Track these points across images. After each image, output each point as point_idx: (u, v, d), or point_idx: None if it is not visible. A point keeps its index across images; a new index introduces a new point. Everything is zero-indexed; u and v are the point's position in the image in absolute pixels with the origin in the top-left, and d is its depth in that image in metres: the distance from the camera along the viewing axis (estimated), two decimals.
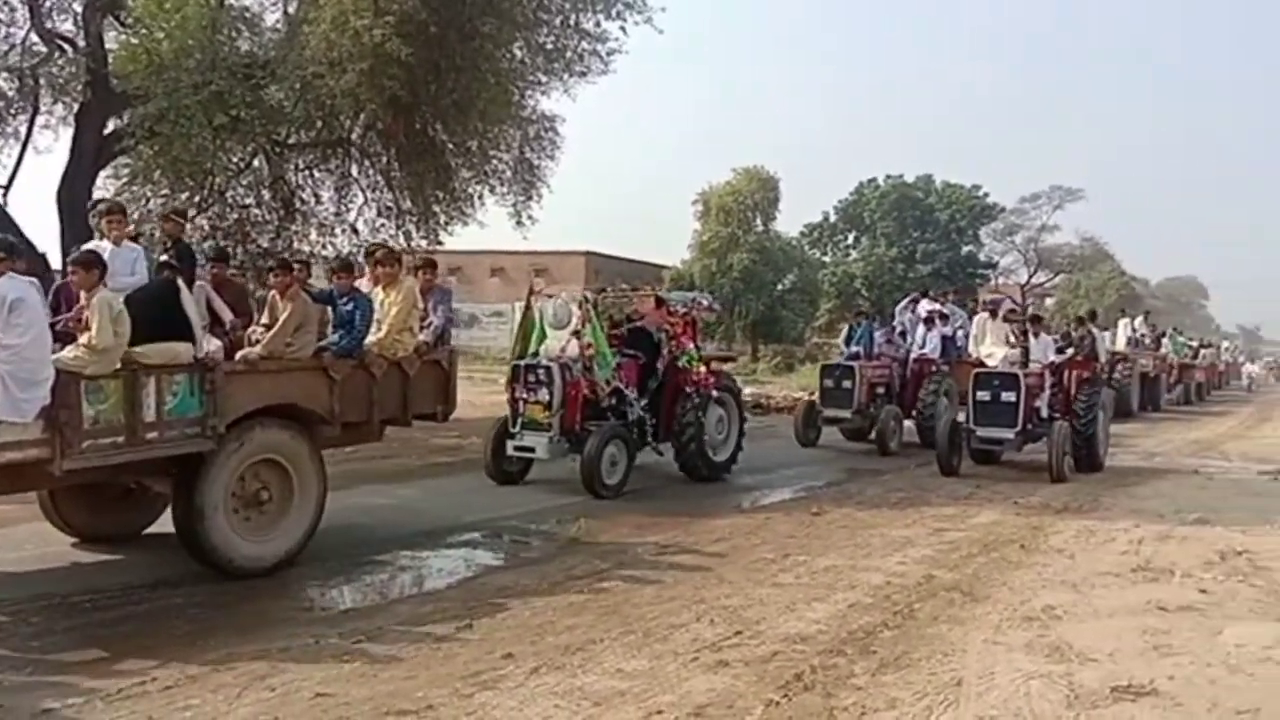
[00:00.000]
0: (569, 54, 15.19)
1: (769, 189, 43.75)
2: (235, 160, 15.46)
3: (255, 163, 15.79)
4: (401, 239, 16.50)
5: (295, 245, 16.41)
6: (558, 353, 11.19)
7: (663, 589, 6.88)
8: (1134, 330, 27.26)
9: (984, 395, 12.67)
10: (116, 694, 4.74)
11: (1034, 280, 61.35)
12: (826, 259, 53.49)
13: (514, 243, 20.00)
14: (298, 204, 16.44)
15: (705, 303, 12.98)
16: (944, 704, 4.68)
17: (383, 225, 16.61)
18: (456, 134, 15.02)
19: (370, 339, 8.14)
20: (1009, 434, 12.58)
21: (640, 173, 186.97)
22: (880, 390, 16.08)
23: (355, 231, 16.80)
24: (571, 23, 15.08)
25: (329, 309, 8.28)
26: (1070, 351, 14.36)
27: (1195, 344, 36.04)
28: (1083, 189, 59.87)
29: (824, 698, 4.77)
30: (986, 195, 54.38)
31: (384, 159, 16.09)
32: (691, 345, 12.17)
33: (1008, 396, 12.50)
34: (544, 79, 15.54)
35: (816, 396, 16.41)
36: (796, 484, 12.32)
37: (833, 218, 54.95)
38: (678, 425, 11.79)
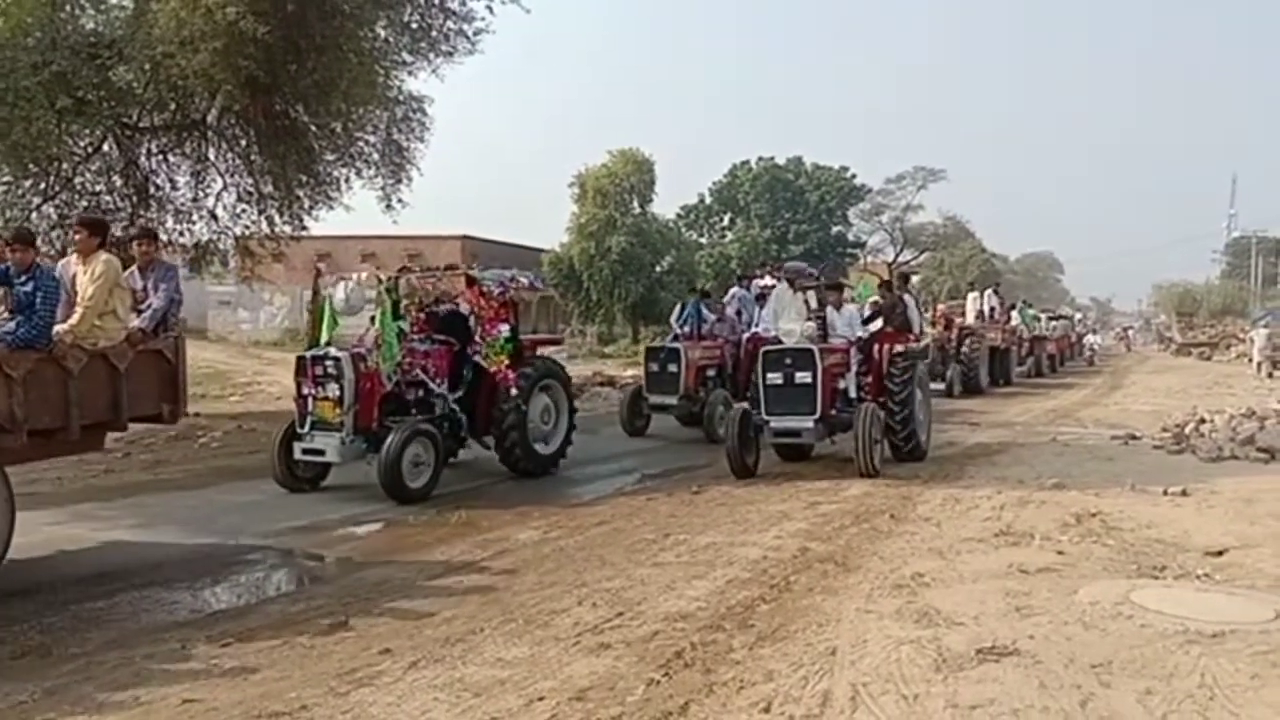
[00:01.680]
0: (434, 33, 14.86)
1: (644, 171, 43.91)
2: (83, 145, 14.64)
3: (105, 147, 14.97)
4: (264, 224, 15.95)
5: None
6: (355, 341, 10.38)
7: (544, 575, 6.85)
8: (983, 303, 27.18)
9: (775, 377, 10.84)
10: None
11: (900, 258, 63.38)
12: (703, 240, 54.20)
13: (385, 227, 19.55)
14: (152, 190, 15.69)
15: (525, 281, 11.78)
16: (819, 673, 4.79)
17: (243, 210, 16.02)
18: (319, 115, 14.53)
19: (61, 325, 6.99)
20: (807, 422, 10.76)
21: (518, 156, 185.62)
22: (710, 373, 15.21)
23: (215, 218, 16.17)
24: (436, 1, 14.76)
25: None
26: (878, 324, 12.88)
27: (1045, 316, 37.03)
28: (945, 169, 62.21)
29: (704, 674, 4.82)
30: (854, 176, 56.04)
31: (243, 142, 15.48)
32: (505, 329, 11.01)
33: (803, 378, 10.70)
34: (410, 59, 15.17)
35: (643, 382, 15.39)
36: (613, 479, 11.44)
37: (708, 200, 55.67)
38: (497, 415, 10.88)
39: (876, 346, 12.22)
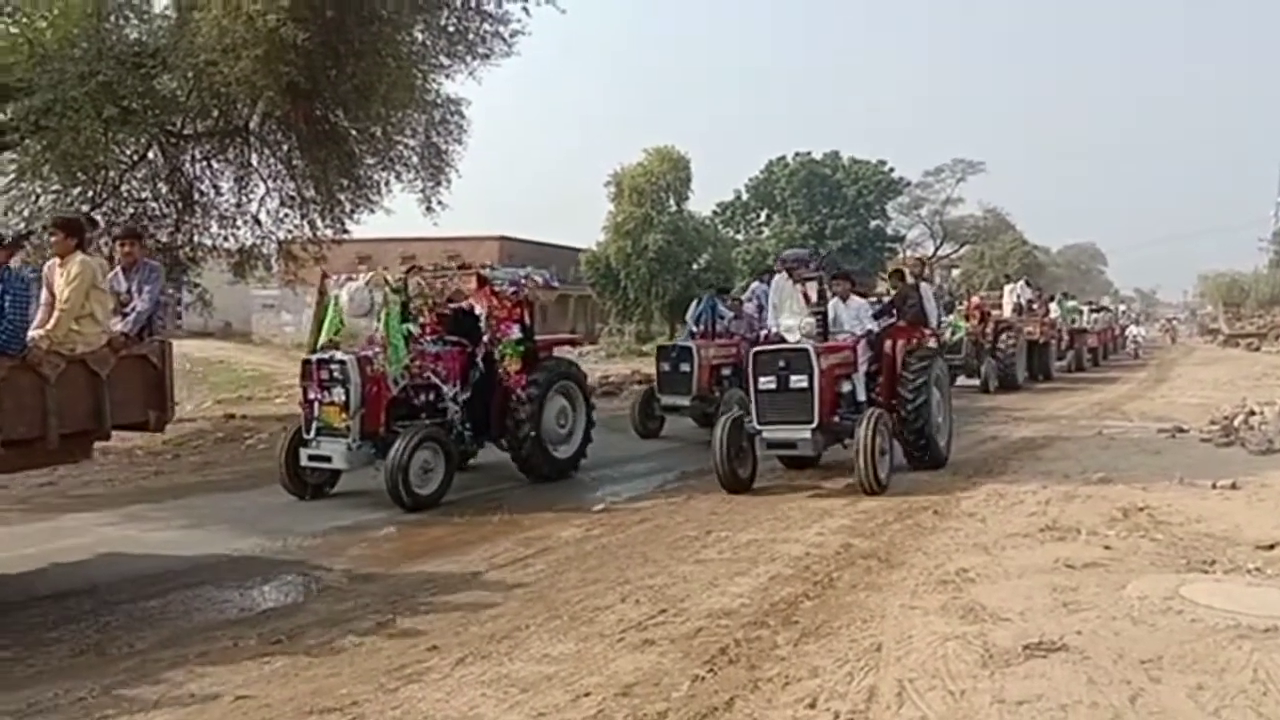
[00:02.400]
0: (471, 36, 14.96)
1: (680, 169, 43.96)
2: (129, 153, 14.91)
3: (150, 155, 15.24)
4: (306, 228, 16.16)
5: (196, 239, 15.94)
6: (364, 344, 10.05)
7: (587, 572, 6.89)
8: (1019, 296, 26.37)
9: (767, 381, 9.65)
10: (27, 709, 4.59)
11: (940, 252, 62.87)
12: (740, 237, 54.10)
13: (425, 229, 19.73)
14: (196, 196, 15.95)
15: (541, 279, 11.27)
16: (864, 669, 4.78)
17: (286, 215, 16.24)
18: (359, 120, 14.70)
19: (36, 331, 6.71)
20: (804, 432, 9.54)
21: (554, 156, 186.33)
22: (726, 372, 14.53)
23: (258, 223, 16.41)
24: (472, 4, 14.85)
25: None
26: (891, 319, 11.61)
27: (1086, 308, 35.53)
28: (984, 161, 61.62)
29: (748, 670, 4.83)
30: (892, 170, 55.60)
31: (285, 147, 15.69)
32: (517, 330, 10.71)
33: (798, 381, 9.53)
34: (447, 62, 15.29)
35: (655, 383, 14.74)
36: (651, 477, 11.31)
37: (744, 196, 55.52)
38: (511, 421, 10.59)
39: (888, 343, 11.06)
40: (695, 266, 43.99)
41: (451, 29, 14.92)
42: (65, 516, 9.26)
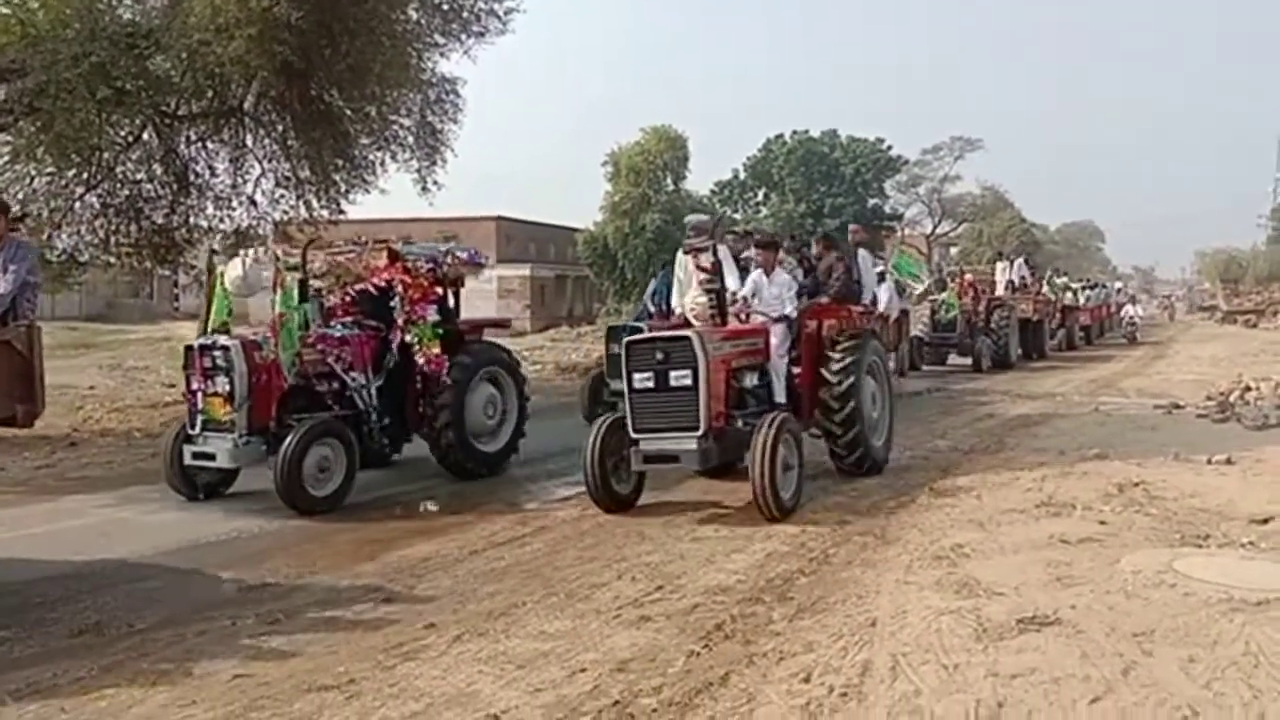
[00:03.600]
0: (466, 14, 14.87)
1: (678, 148, 43.79)
2: (123, 134, 14.80)
3: (145, 136, 15.14)
4: (302, 209, 16.09)
5: (191, 220, 15.89)
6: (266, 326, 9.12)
7: (584, 550, 6.93)
8: (1013, 273, 26.15)
9: (643, 378, 7.81)
10: (26, 689, 4.61)
11: (939, 230, 62.83)
12: (738, 216, 53.94)
13: (421, 210, 19.66)
14: (192, 177, 15.85)
15: (464, 255, 10.33)
16: (859, 644, 4.81)
17: (281, 196, 16.16)
18: (354, 100, 14.62)
19: None
20: (688, 442, 7.64)
21: (550, 136, 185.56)
22: None
23: (254, 203, 16.32)
24: None
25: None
26: (814, 298, 9.85)
27: (1078, 285, 34.64)
28: (982, 139, 61.49)
29: (744, 645, 4.87)
30: (890, 148, 55.48)
31: (279, 128, 15.59)
32: (433, 311, 9.75)
33: (680, 377, 7.67)
34: (442, 40, 15.18)
35: (605, 366, 13.30)
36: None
37: (742, 175, 55.40)
38: (429, 412, 9.69)
39: (811, 324, 9.35)
40: None
41: (446, 7, 14.83)
42: (64, 499, 9.27)
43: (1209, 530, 6.91)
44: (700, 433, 7.64)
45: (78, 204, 14.75)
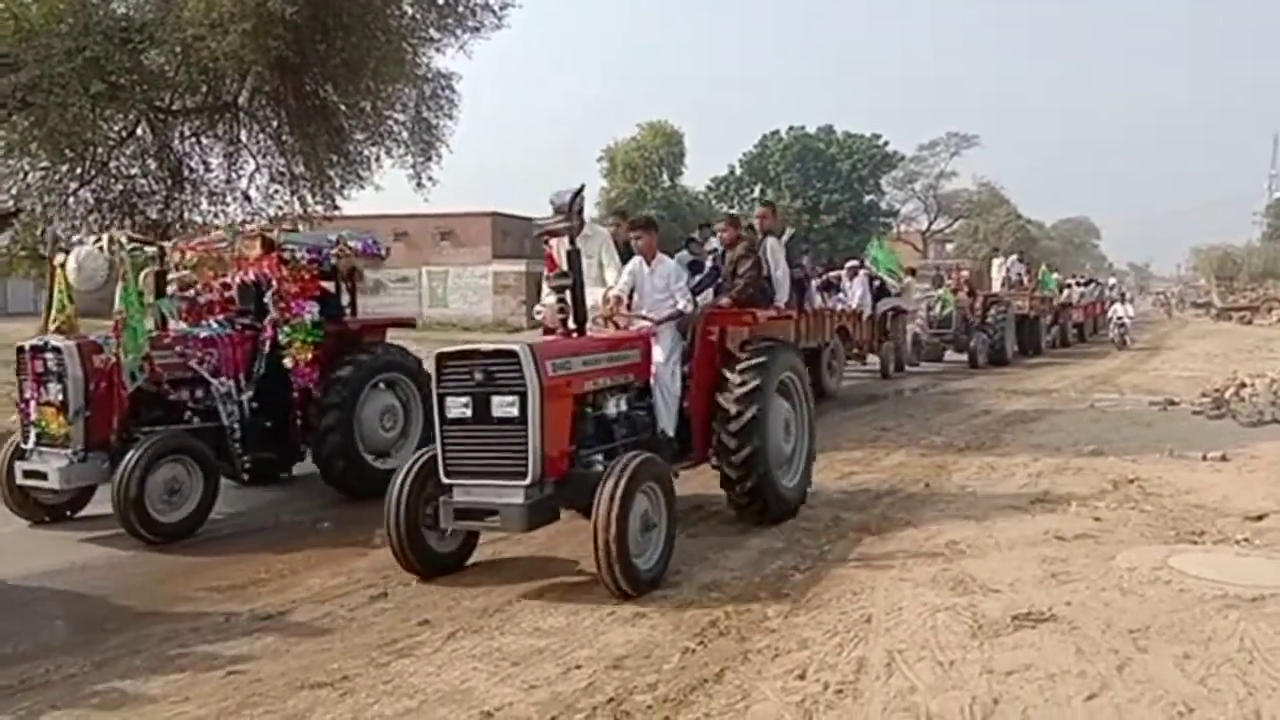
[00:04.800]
0: (461, 9, 14.85)
1: (674, 144, 43.83)
2: (117, 129, 14.80)
3: (139, 131, 15.13)
4: (297, 205, 16.06)
5: (186, 215, 15.85)
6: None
7: (578, 546, 6.87)
8: (1008, 270, 26.11)
9: (458, 406, 5.88)
10: (19, 685, 4.60)
11: (934, 226, 62.84)
12: (734, 212, 53.90)
13: (416, 205, 19.62)
14: (186, 172, 15.84)
15: (358, 244, 9.06)
16: (854, 640, 4.81)
17: (276, 191, 16.13)
18: (348, 95, 14.60)
19: None
20: (514, 494, 5.72)
21: (547, 131, 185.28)
22: None
23: (248, 199, 16.30)
24: None
25: None
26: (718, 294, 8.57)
27: (1073, 281, 34.34)
28: (978, 135, 61.50)
29: (738, 642, 4.85)
30: (886, 144, 55.40)
31: (274, 123, 15.58)
32: (313, 309, 8.56)
33: (504, 407, 5.76)
34: (437, 35, 15.16)
35: None
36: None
37: (738, 171, 55.35)
38: (315, 424, 8.51)
39: (701, 330, 7.34)
40: None
41: (441, 2, 14.81)
42: None
43: (1204, 527, 6.92)
44: (529, 480, 5.69)
45: (71, 199, 14.72)
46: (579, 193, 6.51)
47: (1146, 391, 15.86)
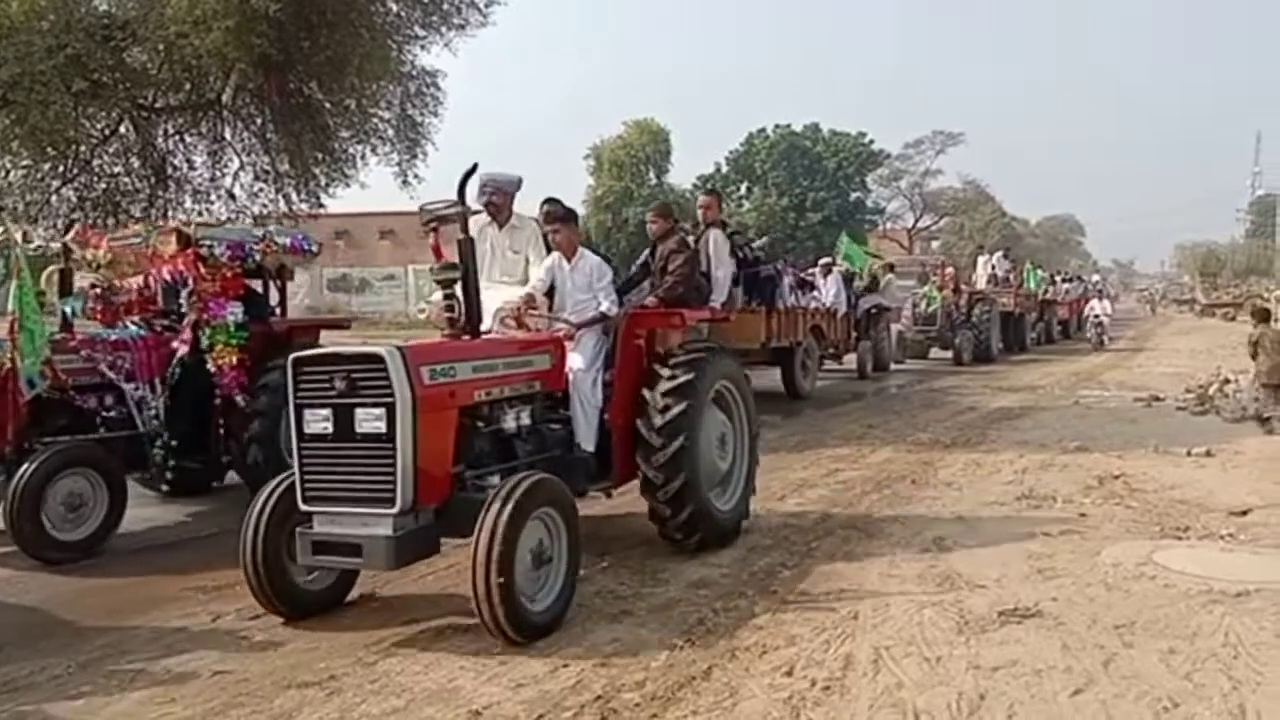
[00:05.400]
0: (446, 6, 14.81)
1: (660, 141, 43.75)
2: (100, 127, 14.71)
3: (122, 129, 15.04)
4: (281, 202, 15.99)
5: (170, 214, 15.76)
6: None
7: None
8: (994, 267, 26.25)
9: (318, 419, 5.10)
10: (2, 686, 4.55)
11: (920, 224, 63.00)
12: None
13: (403, 203, 19.55)
14: (170, 171, 15.74)
15: (287, 240, 8.49)
16: (841, 637, 4.82)
17: (260, 189, 16.05)
18: (333, 92, 14.53)
19: None
20: (379, 525, 4.96)
21: (533, 128, 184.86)
22: None
23: (232, 197, 16.20)
24: None
25: None
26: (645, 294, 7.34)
27: (1058, 277, 34.39)
28: (963, 133, 61.65)
29: (726, 639, 4.85)
30: (872, 142, 55.40)
31: (258, 121, 15.50)
32: (234, 310, 7.92)
33: (369, 421, 4.97)
34: (422, 33, 15.11)
35: None
36: None
37: (724, 169, 55.31)
38: (238, 432, 7.96)
39: (624, 335, 6.50)
40: None
41: None
42: None
43: (1189, 522, 6.97)
44: (397, 508, 4.90)
45: (54, 197, 14.62)
46: (469, 174, 5.83)
47: (1131, 388, 15.96)
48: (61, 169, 14.40)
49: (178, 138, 15.85)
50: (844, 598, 5.45)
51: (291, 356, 5.28)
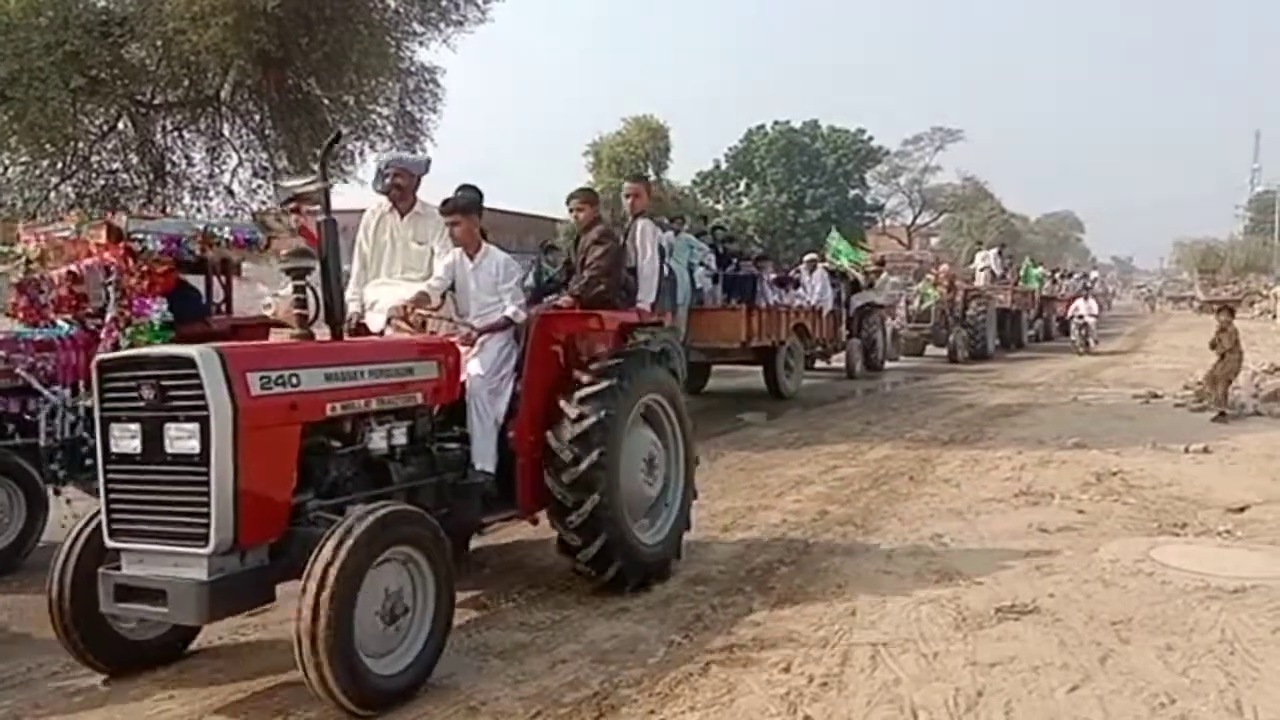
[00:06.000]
0: (444, 2, 14.78)
1: (659, 138, 43.63)
2: (98, 123, 14.65)
3: (120, 125, 14.97)
4: (280, 198, 15.98)
5: (168, 210, 15.74)
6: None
7: None
8: (990, 263, 26.07)
9: (126, 437, 4.23)
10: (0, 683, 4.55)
11: (919, 221, 62.99)
12: (719, 207, 53.86)
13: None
14: (168, 167, 15.69)
15: (231, 233, 7.96)
16: (839, 634, 4.82)
17: (259, 185, 16.02)
18: (331, 88, 14.50)
19: None
20: (192, 567, 4.05)
21: (532, 124, 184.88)
22: None
23: (231, 193, 16.17)
24: None
25: None
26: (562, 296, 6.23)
27: (1059, 274, 34.20)
28: (962, 130, 61.59)
29: (724, 636, 4.86)
30: (871, 139, 55.42)
31: (257, 117, 15.46)
32: (160, 307, 7.36)
33: (181, 439, 4.08)
34: (421, 29, 15.07)
35: None
36: None
37: (724, 165, 55.32)
38: None
39: (533, 340, 5.63)
40: None
41: None
42: None
43: (1186, 519, 6.98)
44: (211, 547, 4.01)
45: (53, 194, 14.58)
46: (332, 142, 5.12)
47: (1130, 385, 15.97)
48: (60, 165, 14.36)
49: (176, 134, 15.81)
50: (842, 594, 5.46)
51: (96, 359, 4.48)
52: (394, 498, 4.68)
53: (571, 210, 6.64)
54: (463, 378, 5.38)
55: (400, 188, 6.09)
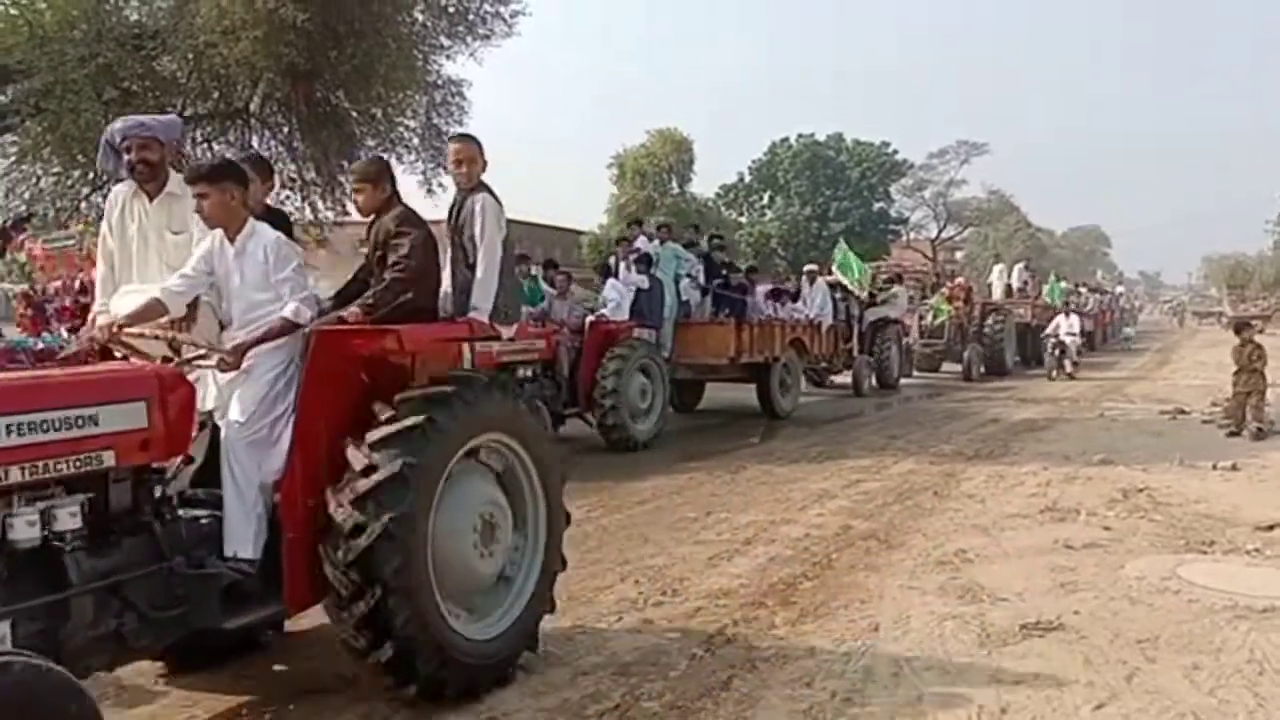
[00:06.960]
0: (471, 16, 14.90)
1: (683, 150, 43.78)
2: None
3: None
4: (308, 210, 16.12)
5: None
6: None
7: (586, 553, 6.89)
8: (1011, 278, 25.42)
9: None
10: None
11: (944, 234, 62.76)
12: (743, 220, 53.87)
13: (427, 212, 19.60)
14: None
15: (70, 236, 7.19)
16: (861, 649, 4.80)
17: (288, 197, 16.17)
18: (359, 101, 14.65)
19: None
20: None
21: (558, 137, 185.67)
22: (525, 372, 10.52)
23: None
24: None
25: None
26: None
27: (1082, 289, 33.67)
28: (988, 143, 61.38)
29: (746, 650, 4.85)
30: (895, 152, 55.28)
31: (285, 129, 15.63)
32: None
33: None
34: (447, 42, 15.21)
35: None
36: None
37: (747, 178, 55.35)
38: None
39: (310, 367, 4.09)
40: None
41: (452, 9, 14.85)
42: None
43: (1214, 537, 6.91)
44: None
45: (84, 204, 14.78)
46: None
47: (1156, 401, 15.83)
48: (91, 176, 14.55)
49: (206, 145, 16.00)
50: (864, 609, 5.44)
51: None
52: (70, 607, 3.30)
53: (354, 195, 5.24)
54: (217, 418, 4.05)
55: (148, 163, 4.66)
